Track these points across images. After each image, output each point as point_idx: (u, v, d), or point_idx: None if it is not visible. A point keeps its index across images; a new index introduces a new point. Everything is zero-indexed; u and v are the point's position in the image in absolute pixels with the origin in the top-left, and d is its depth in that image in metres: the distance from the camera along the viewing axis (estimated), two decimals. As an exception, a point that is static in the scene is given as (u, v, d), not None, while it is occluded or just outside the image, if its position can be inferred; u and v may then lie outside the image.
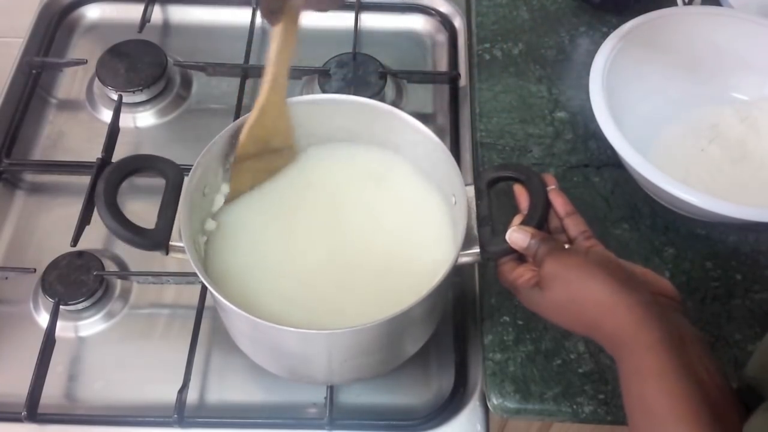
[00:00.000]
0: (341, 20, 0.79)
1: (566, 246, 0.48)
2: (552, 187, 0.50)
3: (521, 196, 0.51)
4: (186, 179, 0.51)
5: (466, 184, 0.51)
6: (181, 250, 0.48)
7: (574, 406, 0.54)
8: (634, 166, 0.56)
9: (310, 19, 0.80)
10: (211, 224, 0.54)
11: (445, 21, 0.81)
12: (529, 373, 0.55)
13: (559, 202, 0.50)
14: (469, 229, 0.49)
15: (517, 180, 0.51)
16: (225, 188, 0.55)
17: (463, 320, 0.60)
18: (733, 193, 0.58)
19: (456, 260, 0.48)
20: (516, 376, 0.55)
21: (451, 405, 0.56)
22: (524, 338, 0.56)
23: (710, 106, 0.67)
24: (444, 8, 0.81)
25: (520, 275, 0.48)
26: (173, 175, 0.51)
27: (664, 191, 0.55)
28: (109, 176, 0.49)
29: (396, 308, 0.45)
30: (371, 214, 0.55)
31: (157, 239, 0.49)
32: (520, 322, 0.57)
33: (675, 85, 0.67)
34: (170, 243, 0.49)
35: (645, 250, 0.61)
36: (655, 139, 0.65)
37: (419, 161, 0.56)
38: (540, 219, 0.49)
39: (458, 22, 0.80)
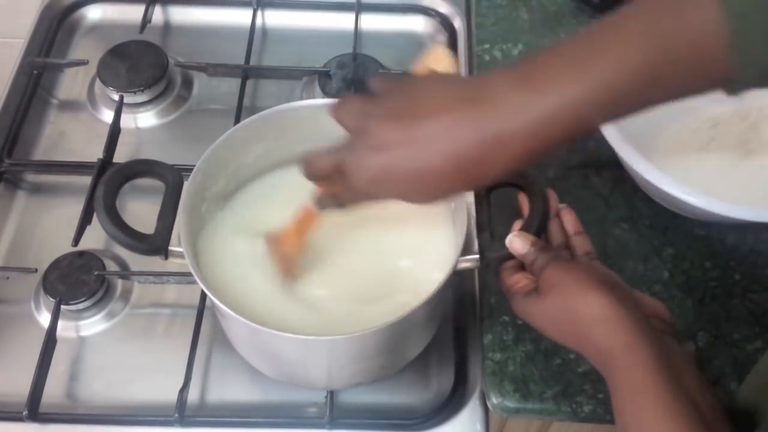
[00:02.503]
0: (341, 21, 0.79)
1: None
2: (563, 206, 0.51)
3: (525, 203, 0.51)
4: (185, 184, 0.51)
5: None
6: (180, 255, 0.48)
7: (574, 406, 0.54)
8: (633, 166, 0.56)
9: (311, 20, 0.81)
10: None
11: (444, 22, 0.81)
12: (528, 372, 0.55)
13: (569, 220, 0.51)
14: (468, 234, 0.49)
15: (516, 186, 0.52)
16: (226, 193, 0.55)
17: (463, 320, 0.60)
18: (733, 194, 0.58)
19: (455, 266, 0.48)
20: (516, 376, 0.55)
21: (450, 404, 0.56)
22: (524, 338, 0.57)
23: (711, 106, 0.66)
24: (444, 9, 0.81)
25: (516, 281, 0.48)
26: (172, 179, 0.51)
27: (663, 191, 0.55)
28: (108, 181, 0.49)
29: (395, 314, 0.45)
30: (370, 219, 0.55)
31: (156, 244, 0.49)
32: (520, 322, 0.57)
33: None
34: (169, 248, 0.49)
35: (644, 250, 0.61)
36: (654, 139, 0.65)
37: None
38: (539, 225, 0.49)
39: (458, 23, 0.80)
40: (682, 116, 0.67)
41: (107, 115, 0.72)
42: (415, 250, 0.54)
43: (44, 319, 0.60)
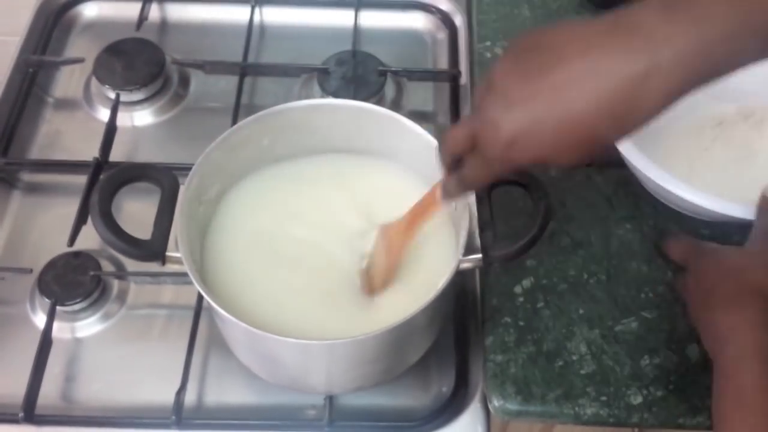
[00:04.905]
0: (341, 18, 0.79)
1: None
2: None
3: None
4: (182, 188, 0.50)
5: None
6: (178, 260, 0.48)
7: (576, 408, 0.53)
8: (637, 166, 0.56)
9: (310, 17, 0.81)
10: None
11: (445, 19, 0.80)
12: (530, 374, 0.55)
13: None
14: (470, 234, 0.49)
15: (518, 184, 0.51)
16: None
17: (464, 321, 0.60)
18: (737, 193, 0.57)
19: (458, 267, 0.47)
20: (517, 378, 0.54)
21: (451, 407, 0.56)
22: (526, 339, 0.56)
23: (715, 105, 0.66)
24: (444, 6, 0.80)
25: None
26: (168, 183, 0.50)
27: (668, 191, 0.55)
28: (102, 187, 0.49)
29: (397, 317, 0.45)
30: (371, 221, 0.55)
31: (153, 250, 0.48)
32: (522, 323, 0.57)
33: None
34: (167, 253, 0.48)
35: (648, 250, 0.61)
36: (658, 137, 0.64)
37: (419, 166, 0.56)
38: (542, 223, 0.48)
39: (459, 20, 0.79)
40: (686, 114, 0.66)
41: (103, 114, 0.72)
42: (417, 252, 0.53)
43: (39, 320, 0.60)
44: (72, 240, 0.60)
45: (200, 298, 0.59)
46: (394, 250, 0.51)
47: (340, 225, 0.55)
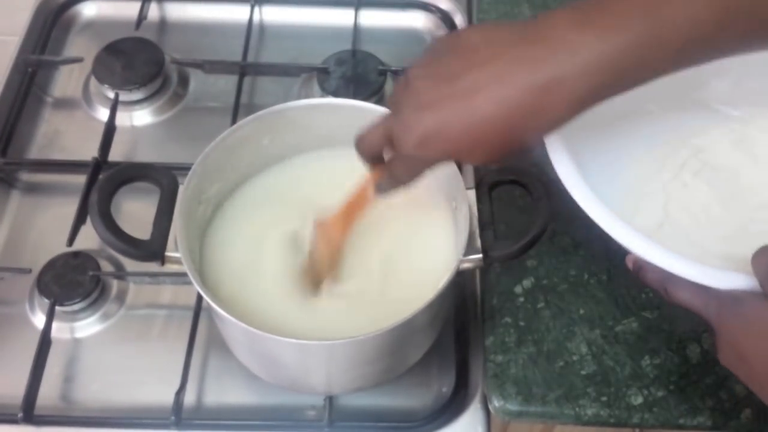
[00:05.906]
0: (340, 17, 0.78)
1: None
2: None
3: None
4: (181, 188, 0.50)
5: (467, 188, 0.51)
6: (177, 261, 0.48)
7: (577, 409, 0.53)
8: (594, 216, 0.44)
9: (309, 16, 0.81)
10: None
11: (445, 18, 0.80)
12: (530, 375, 0.54)
13: None
14: (471, 234, 0.49)
15: (518, 183, 0.51)
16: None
17: (464, 321, 0.59)
18: (722, 242, 0.48)
19: (458, 267, 0.47)
20: (518, 378, 0.54)
21: (451, 407, 0.56)
22: (526, 340, 0.56)
23: (697, 125, 0.54)
24: (444, 5, 0.80)
25: None
26: (167, 183, 0.50)
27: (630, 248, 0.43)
28: (101, 187, 0.49)
29: (397, 317, 0.45)
30: (371, 220, 0.54)
31: (152, 250, 0.48)
32: (522, 324, 0.57)
33: (654, 95, 0.45)
34: (166, 254, 0.48)
35: (648, 250, 0.60)
36: (627, 167, 0.53)
37: None
38: (542, 224, 0.48)
39: (459, 19, 0.79)
40: (661, 138, 0.54)
41: (102, 113, 0.72)
42: (417, 251, 0.53)
43: (39, 320, 0.59)
44: (71, 240, 0.60)
45: (199, 298, 0.59)
46: (333, 243, 0.51)
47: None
